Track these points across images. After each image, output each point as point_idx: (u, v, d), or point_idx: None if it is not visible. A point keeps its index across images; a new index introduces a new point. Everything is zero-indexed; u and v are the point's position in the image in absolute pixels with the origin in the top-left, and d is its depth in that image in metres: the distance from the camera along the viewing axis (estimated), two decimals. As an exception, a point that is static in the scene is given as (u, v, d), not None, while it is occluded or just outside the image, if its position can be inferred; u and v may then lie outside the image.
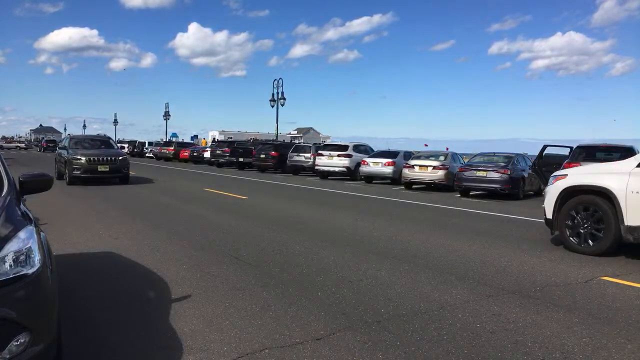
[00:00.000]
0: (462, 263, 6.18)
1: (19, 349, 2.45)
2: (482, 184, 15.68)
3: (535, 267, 6.06)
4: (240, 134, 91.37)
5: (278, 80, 39.17)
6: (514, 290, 5.05)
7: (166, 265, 5.68)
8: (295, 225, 8.94)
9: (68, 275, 5.10)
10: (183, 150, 39.37)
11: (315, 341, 3.60)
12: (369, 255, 6.52)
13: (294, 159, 24.98)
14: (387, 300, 4.59)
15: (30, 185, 3.53)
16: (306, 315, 4.13)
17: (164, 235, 7.57)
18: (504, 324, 4.05)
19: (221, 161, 31.05)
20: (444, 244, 7.50)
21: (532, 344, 3.64)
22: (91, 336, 3.67)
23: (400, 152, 21.27)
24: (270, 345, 3.51)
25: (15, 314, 2.43)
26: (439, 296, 4.76)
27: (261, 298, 4.58)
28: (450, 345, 3.58)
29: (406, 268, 5.84)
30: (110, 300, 4.49)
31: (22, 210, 3.10)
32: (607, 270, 5.99)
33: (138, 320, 3.99)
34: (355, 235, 8.04)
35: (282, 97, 38.80)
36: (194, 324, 3.88)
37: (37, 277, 2.58)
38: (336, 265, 5.91)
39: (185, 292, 4.71)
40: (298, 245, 7.01)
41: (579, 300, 4.76)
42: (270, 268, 5.68)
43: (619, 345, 3.67)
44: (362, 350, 3.45)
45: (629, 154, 12.86)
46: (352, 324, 3.96)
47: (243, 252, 6.50)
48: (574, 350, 3.54)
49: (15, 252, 2.56)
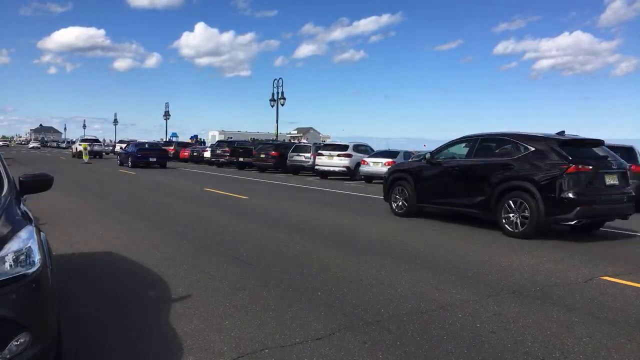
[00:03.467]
0: (462, 263, 6.18)
1: (19, 349, 2.45)
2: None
3: (535, 267, 6.06)
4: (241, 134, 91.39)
5: (278, 80, 39.23)
6: (514, 290, 5.05)
7: (166, 265, 5.68)
8: (295, 225, 8.94)
9: (68, 275, 5.11)
10: (183, 150, 39.40)
11: (315, 341, 3.60)
12: (369, 255, 6.52)
13: (294, 159, 24.98)
14: (387, 300, 4.59)
15: (30, 185, 3.53)
16: (306, 315, 4.13)
17: (164, 235, 7.57)
18: (504, 323, 4.05)
19: (221, 161, 31.05)
20: (444, 243, 7.50)
21: (532, 343, 3.64)
22: (91, 336, 3.67)
23: (400, 152, 21.28)
24: (270, 345, 3.51)
25: (15, 314, 2.43)
26: (439, 296, 4.76)
27: (261, 298, 4.58)
28: (450, 345, 3.58)
29: (406, 268, 5.85)
30: (110, 300, 4.48)
31: (22, 210, 3.10)
32: (607, 270, 5.99)
33: (138, 320, 3.99)
34: (355, 235, 8.04)
35: (282, 97, 38.82)
36: (194, 324, 3.88)
37: (37, 277, 2.57)
38: (336, 265, 5.91)
39: (185, 292, 4.71)
40: (298, 245, 7.02)
41: (579, 300, 4.77)
42: (270, 268, 5.68)
43: (619, 345, 3.67)
44: (362, 350, 3.45)
45: (629, 154, 12.90)
46: (352, 323, 3.96)
47: (243, 252, 6.50)
48: (574, 350, 3.54)
49: (15, 252, 2.55)
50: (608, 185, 8.19)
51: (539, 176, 8.04)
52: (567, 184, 7.74)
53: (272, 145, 28.58)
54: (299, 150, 25.58)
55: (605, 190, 8.12)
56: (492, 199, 8.51)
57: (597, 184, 8.07)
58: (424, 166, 10.18)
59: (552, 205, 7.80)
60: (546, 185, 7.90)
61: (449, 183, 9.52)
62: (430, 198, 9.94)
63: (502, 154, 9.00)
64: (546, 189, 7.87)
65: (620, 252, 7.26)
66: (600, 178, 8.11)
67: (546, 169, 8.02)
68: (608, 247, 7.68)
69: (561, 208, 7.77)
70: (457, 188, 9.29)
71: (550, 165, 8.00)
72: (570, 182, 7.75)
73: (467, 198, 9.05)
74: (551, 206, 7.81)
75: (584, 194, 7.77)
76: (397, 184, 10.65)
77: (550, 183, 7.87)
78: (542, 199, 7.85)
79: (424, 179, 10.07)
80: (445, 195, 9.57)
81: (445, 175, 9.68)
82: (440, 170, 9.81)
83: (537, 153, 8.29)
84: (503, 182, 8.43)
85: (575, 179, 7.79)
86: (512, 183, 8.33)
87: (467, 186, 9.13)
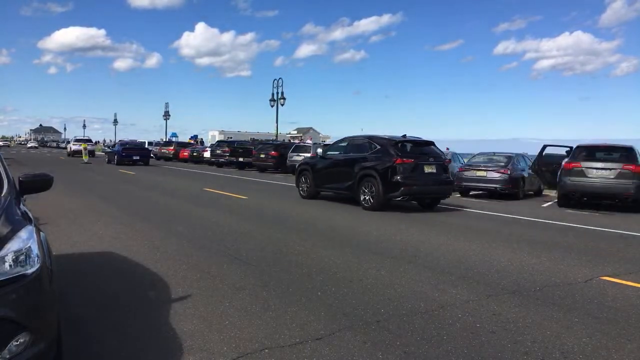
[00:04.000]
0: (462, 263, 6.18)
1: (19, 349, 2.45)
2: (482, 183, 15.70)
3: (535, 267, 6.06)
4: (241, 134, 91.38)
5: (278, 80, 39.24)
6: (514, 290, 5.05)
7: (166, 265, 5.68)
8: (295, 225, 8.94)
9: (68, 275, 5.10)
10: (183, 150, 39.39)
11: (315, 341, 3.60)
12: (369, 255, 6.52)
13: (294, 159, 24.97)
14: (387, 300, 4.59)
15: (30, 185, 3.52)
16: (306, 315, 4.13)
17: (163, 235, 7.57)
18: (504, 324, 4.05)
19: (221, 161, 31.05)
20: (444, 243, 7.50)
21: (532, 344, 3.64)
22: (91, 336, 3.66)
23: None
24: (270, 345, 3.51)
25: (15, 314, 2.42)
26: (439, 296, 4.76)
27: (261, 298, 4.58)
28: (450, 345, 3.58)
29: (406, 268, 5.85)
30: (110, 300, 4.48)
31: (22, 210, 3.09)
32: (607, 270, 5.99)
33: (138, 320, 3.99)
34: (355, 235, 8.04)
35: (282, 97, 38.82)
36: (194, 324, 3.88)
37: (37, 277, 2.57)
38: (336, 265, 5.91)
39: (185, 292, 4.70)
40: (298, 245, 7.02)
41: (579, 300, 4.77)
42: (270, 268, 5.68)
43: (619, 345, 3.67)
44: (362, 350, 3.45)
45: (629, 154, 12.90)
46: (352, 323, 3.96)
47: (243, 251, 6.50)
48: (574, 350, 3.54)
49: (15, 252, 2.55)
50: (427, 173, 11.48)
51: (380, 166, 11.22)
52: (395, 172, 10.99)
53: (272, 145, 28.59)
54: (299, 150, 25.58)
55: (423, 177, 11.40)
56: (355, 183, 11.65)
57: (417, 172, 11.31)
58: (318, 160, 13.42)
59: (386, 187, 11.00)
60: (383, 172, 11.09)
61: (332, 172, 12.72)
62: (322, 184, 13.03)
63: (361, 150, 12.16)
64: (383, 176, 11.06)
65: (620, 252, 7.26)
66: (420, 168, 11.39)
67: (385, 161, 11.22)
68: (608, 247, 7.69)
69: (392, 188, 11.00)
70: (337, 176, 12.50)
71: (387, 159, 11.19)
72: (397, 171, 10.99)
73: (342, 183, 12.22)
74: (386, 187, 11.00)
75: (406, 178, 10.99)
76: (302, 174, 13.72)
77: (385, 171, 11.08)
78: (382, 182, 11.03)
79: (318, 170, 13.18)
80: (330, 182, 12.76)
81: (330, 166, 12.86)
82: (327, 163, 12.99)
83: (380, 150, 11.54)
84: (360, 170, 11.60)
85: (400, 168, 11.01)
86: (365, 171, 11.49)
87: (341, 174, 12.30)
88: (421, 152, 11.76)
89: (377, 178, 11.06)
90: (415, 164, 11.29)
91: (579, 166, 12.92)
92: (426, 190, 11.60)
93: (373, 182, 11.14)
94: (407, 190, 11.00)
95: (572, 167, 13.01)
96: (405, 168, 11.04)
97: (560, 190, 13.52)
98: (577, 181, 12.89)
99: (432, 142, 12.25)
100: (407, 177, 10.99)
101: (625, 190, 12.28)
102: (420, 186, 11.32)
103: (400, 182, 10.88)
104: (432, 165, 11.59)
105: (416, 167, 11.30)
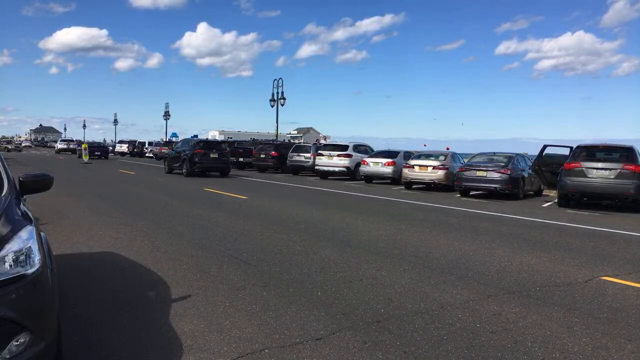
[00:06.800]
0: (462, 263, 6.18)
1: (19, 349, 2.45)
2: (482, 183, 15.68)
3: (535, 267, 6.06)
4: (241, 134, 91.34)
5: (278, 80, 39.23)
6: (514, 290, 5.05)
7: (166, 265, 5.68)
8: (295, 225, 8.94)
9: (68, 275, 5.11)
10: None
11: (315, 341, 3.60)
12: (369, 255, 6.53)
13: (294, 159, 24.98)
14: (387, 300, 4.59)
15: (30, 185, 3.53)
16: (306, 315, 4.13)
17: (164, 235, 7.57)
18: (504, 324, 4.05)
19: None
20: (444, 243, 7.50)
21: (532, 344, 3.64)
22: (91, 336, 3.66)
23: (400, 152, 21.27)
24: (270, 345, 3.52)
25: (15, 314, 2.43)
26: (439, 296, 4.77)
27: (261, 298, 4.58)
28: (450, 345, 3.58)
29: (406, 268, 5.85)
30: (110, 300, 4.48)
31: (22, 210, 3.10)
32: (607, 270, 5.99)
33: (138, 320, 3.99)
34: (355, 235, 8.04)
35: (282, 97, 38.82)
36: (194, 324, 3.88)
37: (37, 277, 2.58)
38: (336, 265, 5.92)
39: (185, 292, 4.71)
40: (298, 245, 7.02)
41: (579, 300, 4.77)
42: (270, 268, 5.68)
43: (619, 345, 3.67)
44: (362, 350, 3.45)
45: (629, 154, 12.91)
46: (352, 324, 3.96)
47: (243, 252, 6.50)
48: (574, 350, 3.54)
49: (16, 252, 2.55)
50: (212, 158, 21.89)
51: (188, 153, 21.79)
52: (194, 157, 21.54)
53: (272, 145, 28.59)
54: (299, 150, 25.57)
55: (209, 160, 21.87)
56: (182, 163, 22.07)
57: (207, 157, 21.74)
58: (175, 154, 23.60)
59: (190, 165, 21.43)
60: (190, 156, 21.55)
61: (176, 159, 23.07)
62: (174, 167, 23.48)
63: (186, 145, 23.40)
64: (189, 158, 21.51)
65: (620, 252, 7.26)
66: (207, 155, 21.76)
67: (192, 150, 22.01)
68: (608, 247, 7.68)
69: (191, 166, 21.43)
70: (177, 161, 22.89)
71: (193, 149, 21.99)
72: (194, 156, 21.54)
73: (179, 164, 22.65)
74: (189, 165, 21.42)
75: (201, 160, 21.57)
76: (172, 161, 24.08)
77: (190, 156, 21.53)
78: (189, 162, 21.45)
79: (172, 159, 23.75)
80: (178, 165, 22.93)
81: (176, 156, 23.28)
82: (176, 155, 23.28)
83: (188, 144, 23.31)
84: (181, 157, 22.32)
85: (197, 155, 21.62)
86: (181, 157, 22.31)
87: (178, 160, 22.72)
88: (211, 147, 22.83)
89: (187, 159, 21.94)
90: (205, 153, 21.79)
91: (579, 166, 12.93)
92: (212, 169, 22.17)
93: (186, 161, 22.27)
94: (201, 168, 21.73)
95: (572, 167, 13.02)
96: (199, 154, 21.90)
97: (560, 190, 13.52)
98: (577, 181, 12.90)
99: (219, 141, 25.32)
100: (201, 159, 21.65)
101: (625, 190, 12.29)
102: (207, 165, 21.94)
103: (198, 163, 21.62)
104: (216, 153, 22.13)
105: (205, 155, 21.75)
